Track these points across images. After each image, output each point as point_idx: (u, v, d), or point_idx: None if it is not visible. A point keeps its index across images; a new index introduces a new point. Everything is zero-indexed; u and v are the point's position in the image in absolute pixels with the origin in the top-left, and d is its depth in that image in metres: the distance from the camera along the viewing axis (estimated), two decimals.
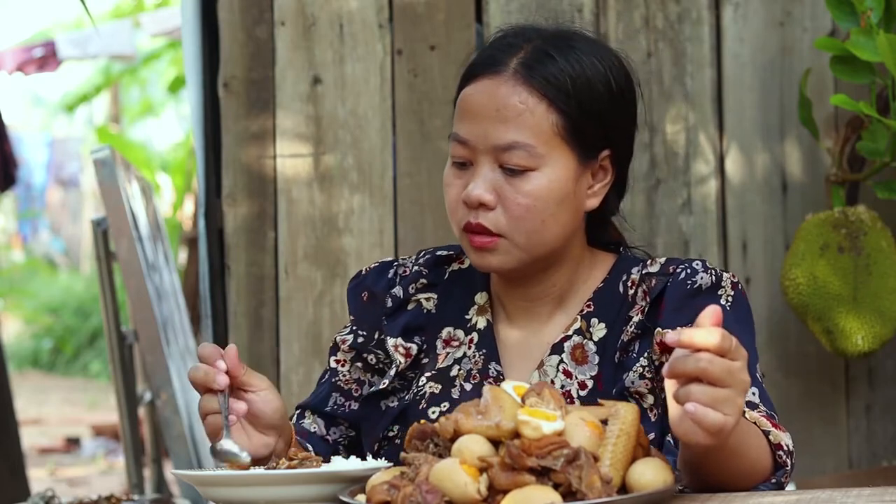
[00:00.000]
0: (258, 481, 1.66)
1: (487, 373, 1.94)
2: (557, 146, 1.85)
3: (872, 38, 2.80)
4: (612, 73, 1.89)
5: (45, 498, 3.15)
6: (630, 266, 1.94)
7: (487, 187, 1.84)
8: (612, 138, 1.90)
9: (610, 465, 1.49)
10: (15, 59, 7.61)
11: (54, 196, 17.46)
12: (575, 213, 1.88)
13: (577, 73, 1.86)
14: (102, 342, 12.06)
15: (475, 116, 1.86)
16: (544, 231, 1.86)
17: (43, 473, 7.77)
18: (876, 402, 3.20)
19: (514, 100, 1.84)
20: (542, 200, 1.84)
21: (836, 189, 3.05)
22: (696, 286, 1.86)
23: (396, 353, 1.97)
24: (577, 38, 1.91)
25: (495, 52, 1.89)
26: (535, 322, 1.95)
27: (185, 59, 3.39)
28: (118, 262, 3.54)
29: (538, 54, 1.87)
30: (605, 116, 1.88)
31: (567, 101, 1.84)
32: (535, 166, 1.84)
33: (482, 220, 1.85)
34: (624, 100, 1.91)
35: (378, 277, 2.03)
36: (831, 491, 1.59)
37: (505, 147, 1.83)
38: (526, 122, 1.83)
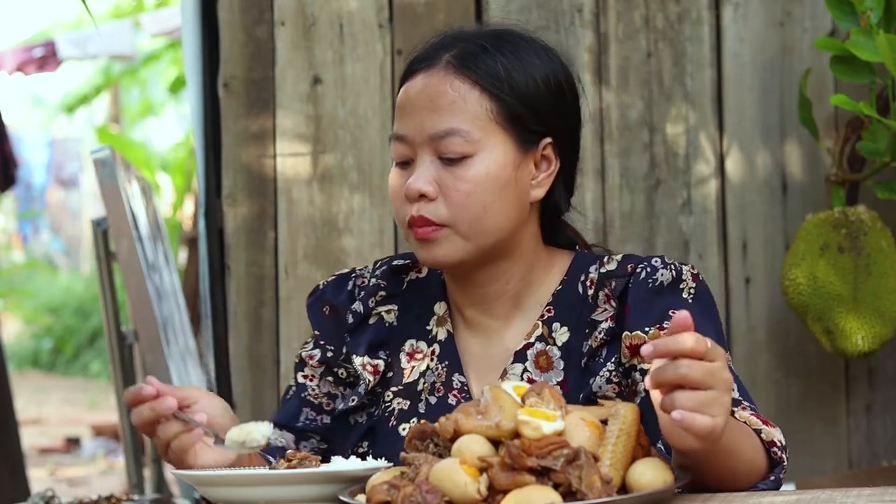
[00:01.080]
0: (258, 481, 1.66)
1: (451, 385, 1.92)
2: (494, 131, 1.86)
3: (872, 38, 2.80)
4: (550, 70, 1.91)
5: (45, 498, 3.15)
6: (587, 265, 1.94)
7: (427, 178, 1.85)
8: (552, 127, 1.90)
9: (610, 465, 1.49)
10: (15, 59, 7.62)
11: (54, 196, 17.45)
12: (518, 201, 1.88)
13: (511, 64, 1.88)
14: (102, 342, 12.06)
15: (410, 111, 1.88)
16: (487, 218, 1.85)
17: (43, 473, 7.77)
18: (876, 402, 3.20)
19: (446, 87, 1.86)
20: (482, 185, 1.84)
21: (836, 189, 3.05)
22: (657, 283, 1.86)
23: (365, 372, 1.96)
24: (515, 36, 1.93)
25: (430, 49, 1.92)
26: (494, 328, 1.94)
27: (185, 59, 3.39)
28: (118, 262, 3.54)
29: (472, 47, 1.89)
30: (542, 105, 1.89)
31: (500, 87, 1.86)
32: (473, 152, 1.85)
33: (424, 211, 1.85)
34: (563, 94, 1.92)
35: (337, 291, 2.02)
36: (831, 491, 1.59)
37: (441, 135, 1.85)
38: (459, 108, 1.85)
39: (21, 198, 16.80)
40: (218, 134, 3.29)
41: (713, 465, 1.62)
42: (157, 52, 10.49)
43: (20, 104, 20.22)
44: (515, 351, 1.91)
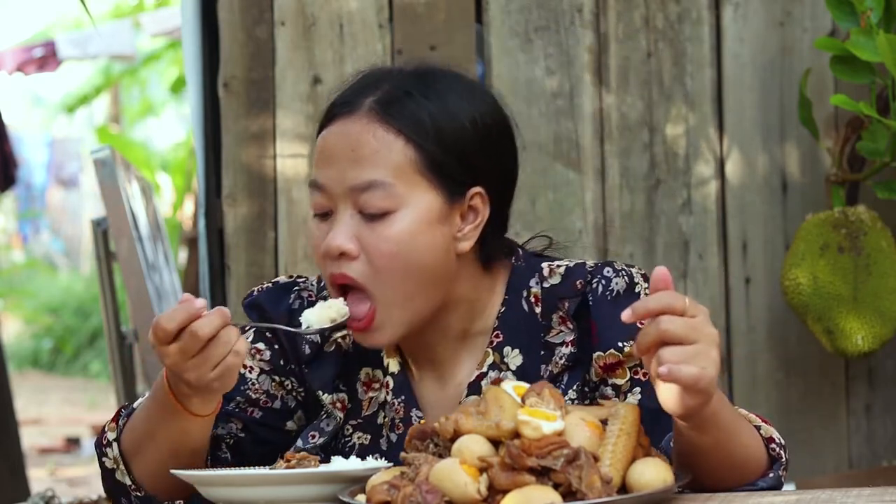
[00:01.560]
0: (258, 481, 1.66)
1: (410, 421, 1.84)
2: (418, 184, 1.75)
3: (872, 38, 2.80)
4: (477, 111, 1.80)
5: (45, 498, 3.15)
6: (526, 278, 1.85)
7: (348, 235, 1.75)
8: (481, 176, 1.79)
9: (610, 464, 1.49)
10: (15, 59, 7.62)
11: (54, 196, 17.46)
12: (445, 256, 1.78)
13: (437, 110, 1.77)
14: (102, 342, 12.05)
15: (330, 159, 1.77)
16: (412, 279, 1.76)
17: (43, 473, 7.77)
18: (876, 402, 3.20)
19: (368, 137, 1.75)
20: (406, 244, 1.74)
21: (836, 189, 3.05)
22: (615, 293, 1.80)
23: (336, 410, 1.87)
24: (442, 77, 1.83)
25: (350, 94, 1.81)
26: (442, 368, 1.87)
27: (185, 59, 3.39)
28: (118, 262, 3.54)
29: (395, 92, 1.78)
30: (470, 153, 1.78)
31: (425, 137, 1.75)
32: (395, 207, 1.74)
33: (345, 270, 1.76)
34: (492, 138, 1.81)
35: (274, 303, 1.92)
36: (831, 491, 1.59)
37: (362, 187, 1.74)
38: (382, 159, 1.74)
39: (21, 198, 16.80)
40: (218, 134, 3.29)
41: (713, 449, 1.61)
42: (156, 51, 10.49)
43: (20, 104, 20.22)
44: (469, 383, 1.84)
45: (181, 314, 1.65)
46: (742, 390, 3.18)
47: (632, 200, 3.20)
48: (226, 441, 1.91)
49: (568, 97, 3.21)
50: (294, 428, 1.93)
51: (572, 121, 3.21)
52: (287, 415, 1.92)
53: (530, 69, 3.20)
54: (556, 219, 3.19)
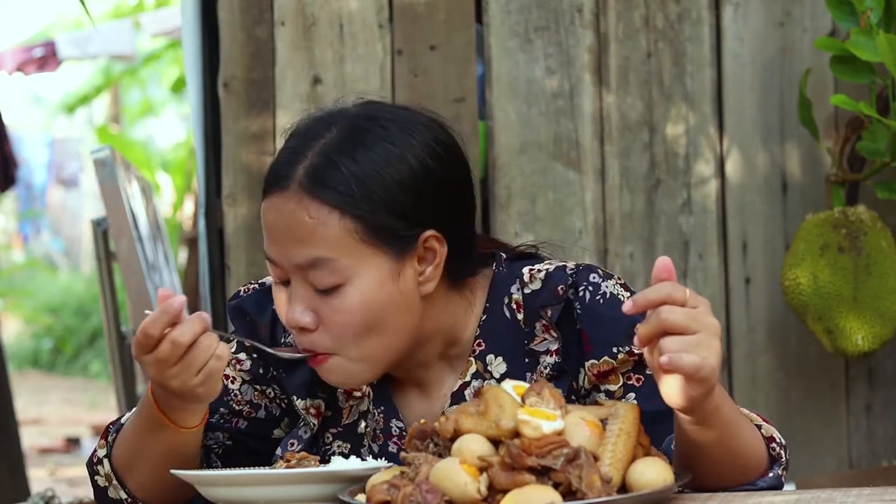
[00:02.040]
0: (258, 481, 1.66)
1: (390, 432, 1.84)
2: (363, 252, 1.72)
3: (872, 38, 2.80)
4: (415, 154, 1.74)
5: (45, 498, 3.15)
6: (507, 286, 1.82)
7: (303, 309, 1.73)
8: (430, 218, 1.75)
9: (610, 464, 1.49)
10: (15, 59, 7.61)
11: (54, 196, 17.46)
12: (407, 307, 1.75)
13: (368, 173, 1.72)
14: (102, 342, 12.05)
15: (273, 236, 1.74)
16: (374, 341, 1.74)
17: (43, 473, 7.77)
18: (876, 402, 3.20)
19: (303, 216, 1.71)
20: (360, 313, 1.72)
21: (836, 189, 3.05)
22: (608, 297, 1.77)
23: (309, 416, 1.86)
24: (374, 124, 1.76)
25: (282, 164, 1.76)
26: (423, 384, 1.86)
27: (185, 59, 3.39)
28: (118, 262, 3.54)
29: (321, 160, 1.72)
30: (412, 203, 1.74)
31: (359, 206, 1.71)
32: (344, 280, 1.71)
33: (307, 344, 1.75)
34: (436, 176, 1.76)
35: (258, 306, 1.91)
36: (831, 491, 1.59)
37: (306, 265, 1.71)
38: (320, 236, 1.71)
39: (22, 198, 16.80)
40: (218, 134, 3.29)
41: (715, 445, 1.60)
42: (156, 51, 10.48)
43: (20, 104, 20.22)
44: (452, 393, 1.83)
45: (162, 319, 1.64)
46: (742, 390, 3.18)
47: (632, 200, 3.20)
48: (214, 451, 1.91)
49: (568, 97, 3.21)
50: (282, 435, 1.93)
51: (572, 121, 3.21)
52: (273, 423, 1.92)
53: (530, 69, 3.20)
54: (556, 219, 3.19)
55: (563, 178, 3.20)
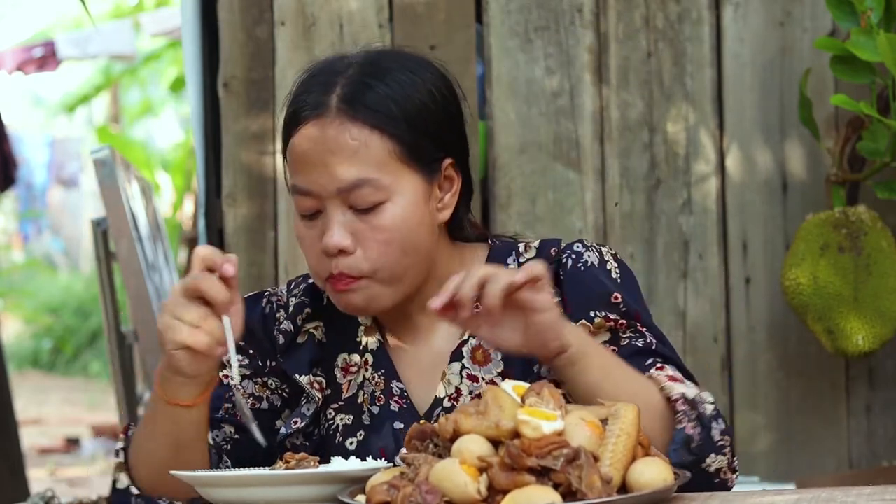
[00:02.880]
0: (257, 482, 1.66)
1: (391, 392, 1.90)
2: (402, 172, 1.81)
3: (872, 38, 2.80)
4: (431, 83, 1.86)
5: (45, 498, 3.15)
6: (504, 256, 1.92)
7: (343, 233, 1.79)
8: (449, 145, 1.87)
9: (610, 464, 1.49)
10: (15, 59, 7.62)
11: (55, 196, 17.46)
12: (431, 231, 1.85)
13: (400, 95, 1.82)
14: (102, 342, 12.05)
15: (311, 164, 1.80)
16: (406, 262, 1.82)
17: (43, 473, 7.77)
18: (876, 402, 3.20)
19: (346, 138, 1.79)
20: (400, 231, 1.80)
21: (836, 189, 3.05)
22: (588, 265, 1.86)
23: (314, 391, 1.91)
24: (388, 58, 1.87)
25: (311, 95, 1.83)
26: (421, 337, 1.92)
27: (185, 59, 3.39)
28: (118, 262, 3.54)
29: (355, 86, 1.81)
30: (437, 127, 1.84)
31: (398, 126, 1.80)
32: (385, 198, 1.80)
33: (343, 268, 1.80)
34: (449, 105, 1.88)
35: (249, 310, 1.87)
36: (831, 490, 1.59)
37: (350, 187, 1.78)
38: (364, 156, 1.79)
39: (22, 198, 16.81)
40: (218, 134, 3.29)
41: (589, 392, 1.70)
42: (156, 51, 10.49)
43: (20, 104, 20.22)
44: (451, 351, 1.89)
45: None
46: (742, 390, 3.18)
47: (632, 200, 3.20)
48: (224, 449, 1.94)
49: (568, 97, 3.21)
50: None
51: (572, 121, 3.21)
52: (275, 415, 1.96)
53: (530, 69, 3.20)
54: (556, 219, 3.19)
55: (563, 178, 3.20)
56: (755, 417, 3.17)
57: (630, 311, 1.86)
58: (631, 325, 1.85)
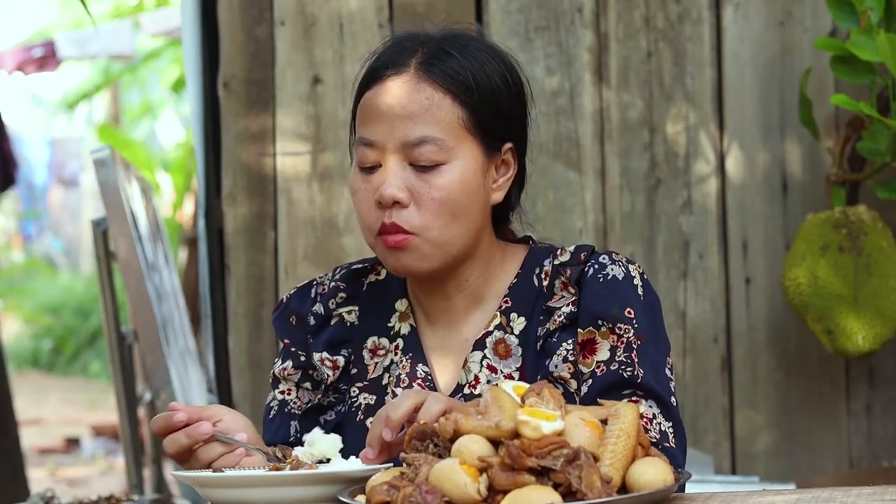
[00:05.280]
0: (258, 482, 1.66)
1: (416, 374, 1.96)
2: (465, 139, 1.88)
3: (872, 38, 2.80)
4: (507, 70, 1.95)
5: (45, 498, 3.15)
6: (541, 259, 1.97)
7: (399, 185, 1.86)
8: (513, 131, 1.96)
9: (610, 464, 1.49)
10: (15, 59, 7.61)
11: (55, 196, 17.47)
12: (483, 206, 1.92)
13: (476, 69, 1.91)
14: (102, 342, 12.05)
15: (382, 117, 1.88)
16: (456, 225, 1.88)
17: (43, 473, 7.77)
18: (876, 402, 3.20)
19: (420, 96, 1.88)
20: (455, 193, 1.87)
21: (836, 189, 3.05)
22: (609, 278, 1.89)
23: (323, 367, 1.99)
24: (468, 38, 1.96)
25: (393, 55, 1.93)
26: (454, 321, 1.97)
27: (185, 59, 3.39)
28: (118, 262, 3.53)
29: (437, 52, 1.92)
30: (505, 110, 1.94)
31: (470, 95, 1.89)
32: (446, 160, 1.87)
33: (396, 219, 1.87)
34: (519, 94, 1.98)
35: (301, 301, 2.04)
36: (831, 490, 1.59)
37: (415, 143, 1.86)
38: (433, 116, 1.87)
39: (23, 198, 16.81)
40: (218, 134, 3.29)
41: None
42: (156, 51, 10.48)
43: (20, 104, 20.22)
44: (475, 340, 1.94)
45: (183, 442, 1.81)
46: (742, 390, 3.18)
47: (632, 200, 3.20)
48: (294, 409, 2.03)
49: (568, 97, 3.21)
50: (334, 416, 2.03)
51: (572, 121, 3.21)
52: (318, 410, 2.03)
53: (530, 69, 3.20)
54: (556, 219, 3.19)
55: (563, 178, 3.20)
56: (755, 417, 3.17)
57: (639, 330, 1.88)
58: (629, 349, 1.87)
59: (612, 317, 1.87)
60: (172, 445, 1.79)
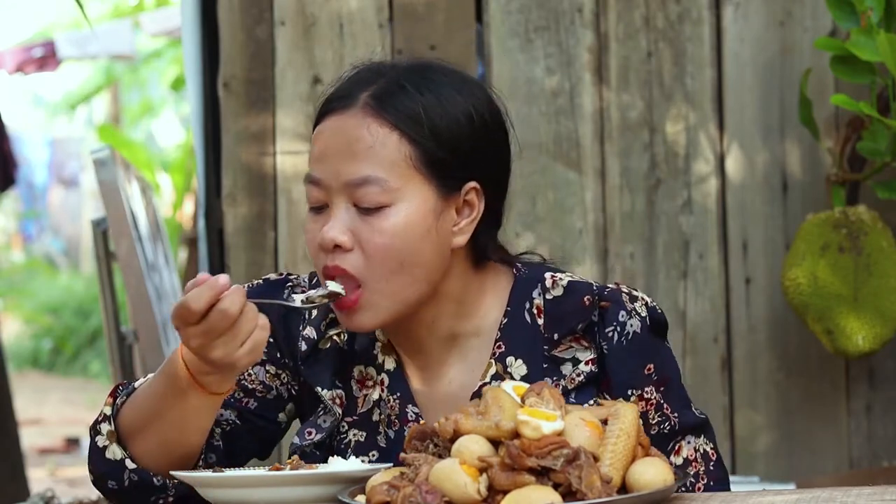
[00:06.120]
0: (257, 482, 1.66)
1: (406, 417, 1.86)
2: (413, 179, 1.77)
3: (873, 37, 2.80)
4: (473, 105, 1.81)
5: (45, 498, 3.15)
6: (529, 290, 1.86)
7: (342, 228, 1.77)
8: (477, 170, 1.81)
9: (610, 464, 1.49)
10: (15, 59, 7.61)
11: (55, 196, 17.47)
12: (439, 251, 1.79)
13: (432, 104, 1.79)
14: (102, 342, 12.04)
15: (326, 154, 1.79)
16: (405, 273, 1.77)
17: (43, 473, 7.77)
18: (876, 402, 3.20)
19: (363, 132, 1.77)
20: (400, 238, 1.76)
21: (836, 189, 3.05)
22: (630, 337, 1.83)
23: (335, 406, 1.87)
24: (437, 71, 1.84)
25: (346, 88, 1.83)
26: (434, 363, 1.87)
27: (185, 59, 3.39)
28: (118, 262, 3.53)
29: (390, 86, 1.80)
30: (466, 147, 1.79)
31: (420, 132, 1.77)
32: (390, 202, 1.76)
33: (339, 262, 1.77)
34: (488, 131, 1.82)
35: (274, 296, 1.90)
36: (831, 490, 1.59)
37: (358, 182, 1.76)
38: (377, 154, 1.76)
39: (24, 198, 16.81)
40: (218, 134, 3.29)
41: None
42: (156, 51, 10.48)
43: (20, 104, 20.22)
44: (472, 392, 1.84)
45: (208, 293, 1.64)
46: (742, 390, 3.18)
47: (632, 200, 3.20)
48: (222, 426, 1.91)
49: (568, 97, 3.21)
50: (285, 420, 1.94)
51: (572, 121, 3.21)
52: (280, 405, 1.93)
53: (530, 69, 3.20)
54: (556, 219, 3.19)
55: (563, 178, 3.20)
56: (755, 417, 3.17)
57: (661, 378, 1.84)
58: (659, 407, 1.84)
59: (640, 383, 1.81)
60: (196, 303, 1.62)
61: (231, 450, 1.90)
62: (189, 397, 1.74)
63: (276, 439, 1.95)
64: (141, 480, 1.79)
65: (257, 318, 1.68)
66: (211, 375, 1.71)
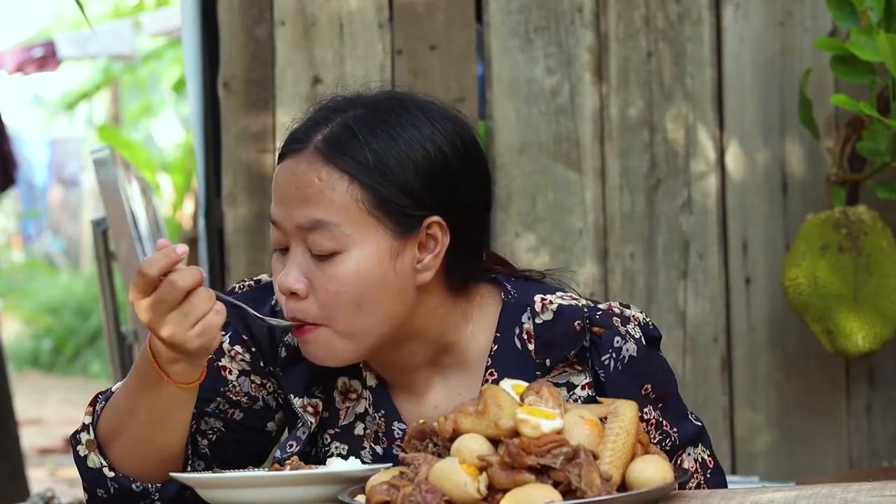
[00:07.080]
0: (257, 483, 1.66)
1: (393, 435, 1.84)
2: (366, 223, 1.74)
3: (873, 38, 2.80)
4: (433, 141, 1.77)
5: (45, 498, 3.15)
6: (518, 314, 1.83)
7: (297, 276, 1.74)
8: (438, 205, 1.77)
9: (609, 462, 1.49)
10: (15, 59, 7.62)
11: (55, 196, 17.47)
12: (400, 292, 1.75)
13: (383, 147, 1.75)
14: (102, 342, 12.03)
15: (280, 197, 1.77)
16: (365, 316, 1.74)
17: (43, 473, 7.77)
18: (876, 402, 3.20)
19: (313, 177, 1.74)
20: (353, 285, 1.73)
21: (836, 189, 3.05)
22: (626, 361, 1.81)
23: (307, 415, 1.85)
24: (398, 107, 1.79)
25: (302, 131, 1.80)
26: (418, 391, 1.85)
27: (185, 59, 3.39)
28: (118, 262, 3.53)
29: (342, 129, 1.77)
30: (422, 185, 1.75)
31: (370, 175, 1.74)
32: (341, 248, 1.73)
33: (295, 310, 1.75)
34: (450, 166, 1.78)
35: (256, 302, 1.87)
36: (831, 486, 1.60)
37: (307, 227, 1.73)
38: (326, 199, 1.73)
39: (24, 198, 16.81)
40: (218, 134, 3.29)
41: None
42: (156, 51, 10.48)
43: (20, 104, 20.22)
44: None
45: (163, 261, 1.64)
46: (742, 390, 3.18)
47: (632, 200, 3.20)
48: (208, 436, 1.90)
49: (568, 97, 3.21)
50: (274, 428, 1.93)
51: (572, 121, 3.21)
52: (268, 415, 1.92)
53: (530, 69, 3.20)
54: (556, 219, 3.19)
55: (563, 178, 3.20)
56: (755, 417, 3.17)
57: (659, 395, 1.83)
58: (659, 426, 1.83)
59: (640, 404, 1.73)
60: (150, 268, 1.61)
61: (221, 459, 1.89)
62: (160, 390, 1.72)
63: (268, 449, 1.93)
64: (122, 488, 1.79)
65: (213, 302, 1.66)
66: (176, 364, 1.70)
